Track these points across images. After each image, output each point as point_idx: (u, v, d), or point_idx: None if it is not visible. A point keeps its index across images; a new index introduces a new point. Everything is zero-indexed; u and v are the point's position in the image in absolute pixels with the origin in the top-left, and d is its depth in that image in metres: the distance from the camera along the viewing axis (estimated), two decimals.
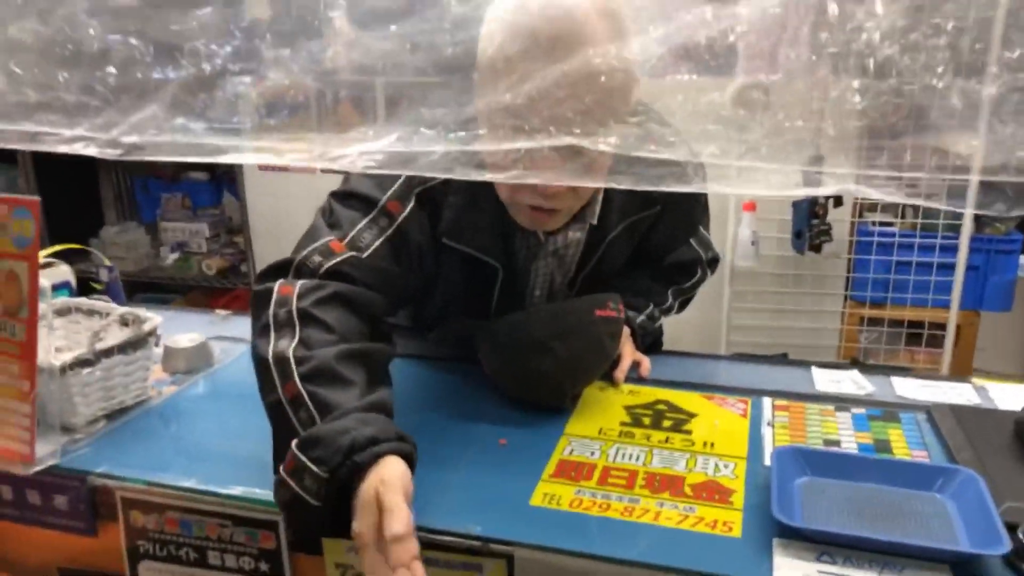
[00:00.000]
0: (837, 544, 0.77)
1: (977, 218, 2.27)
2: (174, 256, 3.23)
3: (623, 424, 1.04)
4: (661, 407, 1.08)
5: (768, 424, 1.03)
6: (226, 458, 0.97)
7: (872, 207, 2.44)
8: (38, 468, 0.95)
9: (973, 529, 0.78)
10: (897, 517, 0.82)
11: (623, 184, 0.77)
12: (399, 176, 1.00)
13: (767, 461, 0.94)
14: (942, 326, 2.33)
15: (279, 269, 0.96)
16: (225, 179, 3.56)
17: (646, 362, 1.21)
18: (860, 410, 1.06)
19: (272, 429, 0.86)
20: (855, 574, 0.74)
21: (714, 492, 0.88)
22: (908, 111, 0.84)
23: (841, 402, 1.08)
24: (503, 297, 1.13)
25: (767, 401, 1.09)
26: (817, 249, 2.28)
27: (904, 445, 0.97)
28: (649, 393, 1.13)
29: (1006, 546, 0.73)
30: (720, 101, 0.94)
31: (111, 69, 0.86)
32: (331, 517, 0.78)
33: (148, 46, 0.86)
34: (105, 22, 0.89)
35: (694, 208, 1.26)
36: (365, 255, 0.97)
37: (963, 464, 0.89)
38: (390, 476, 0.76)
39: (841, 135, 0.89)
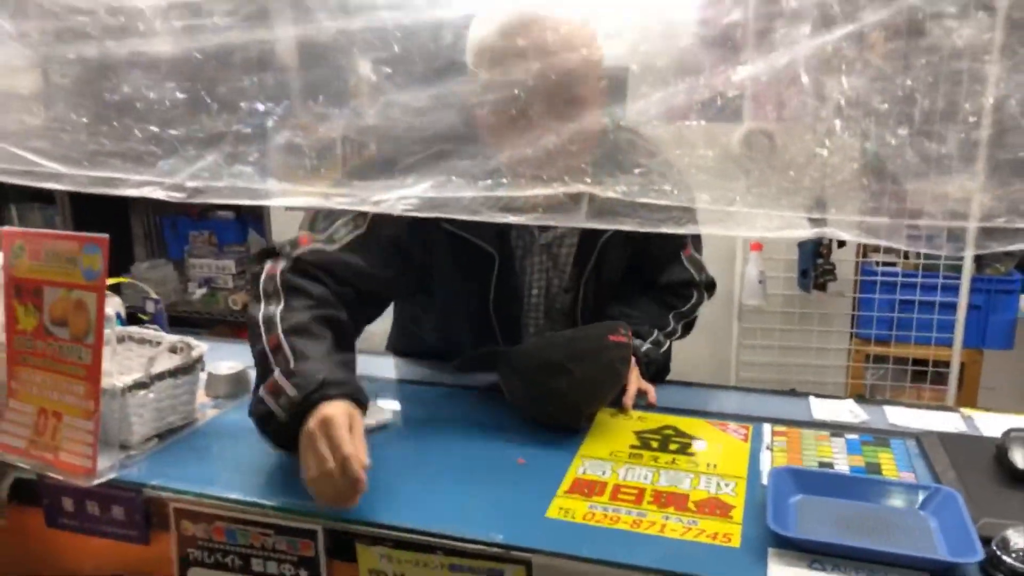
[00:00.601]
0: (827, 554, 0.85)
1: (978, 259, 2.35)
2: (201, 291, 3.35)
3: (632, 447, 1.12)
4: (668, 431, 1.17)
5: (767, 448, 1.11)
6: (267, 474, 1.06)
7: (875, 248, 2.52)
8: (99, 481, 1.04)
9: (952, 541, 0.86)
10: (883, 531, 0.90)
11: (626, 226, 0.87)
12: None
13: (765, 480, 1.02)
14: (947, 363, 2.40)
15: (267, 253, 1.17)
16: (250, 217, 3.70)
17: (652, 391, 1.29)
18: (854, 436, 1.14)
19: (256, 372, 1.07)
20: None
21: (715, 507, 0.96)
22: (907, 157, 0.92)
23: (836, 428, 1.16)
24: (500, 291, 1.22)
25: (767, 427, 1.17)
26: (822, 287, 2.37)
27: (893, 467, 1.05)
28: (657, 419, 1.21)
29: (980, 555, 0.81)
30: (727, 145, 1.03)
31: (171, 124, 0.98)
32: (292, 434, 0.98)
33: (206, 101, 0.98)
34: (156, 79, 1.01)
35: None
36: (333, 247, 1.13)
37: (946, 484, 0.97)
38: (334, 412, 0.96)
39: (843, 179, 0.98)
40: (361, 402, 1.04)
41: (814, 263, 2.32)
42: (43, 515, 1.10)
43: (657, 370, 1.41)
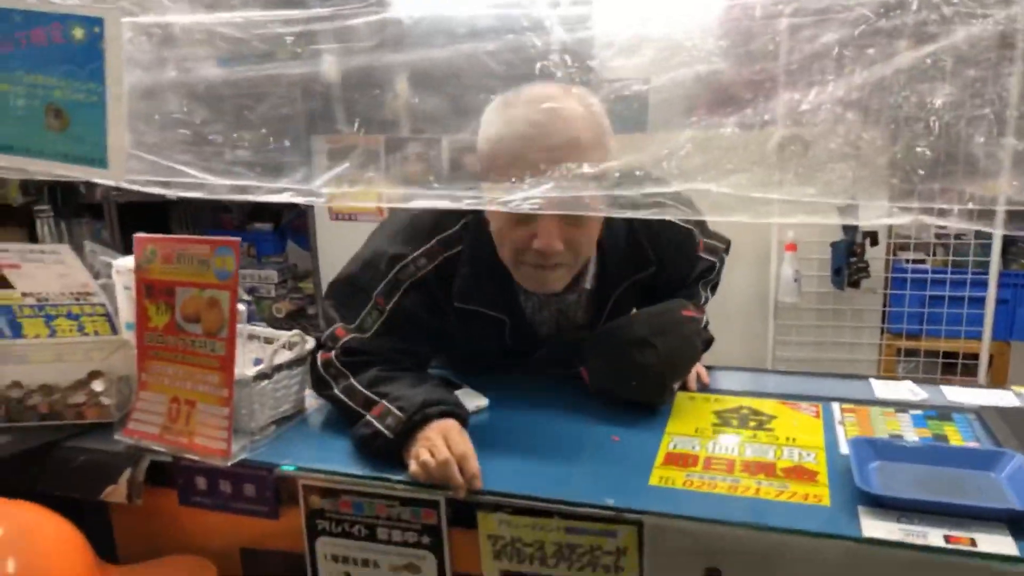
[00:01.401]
0: (911, 509, 0.95)
1: (1005, 254, 2.45)
2: (251, 308, 3.45)
3: (714, 425, 1.22)
4: (744, 411, 1.26)
5: (839, 423, 1.21)
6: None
7: (905, 246, 2.63)
8: (234, 461, 1.14)
9: (1022, 495, 0.96)
10: (958, 490, 0.99)
11: (625, 214, 0.98)
12: (388, 273, 1.24)
13: (843, 450, 1.11)
14: (975, 356, 2.50)
15: (317, 345, 1.28)
16: (288, 228, 3.82)
17: (704, 372, 1.41)
18: (918, 412, 1.24)
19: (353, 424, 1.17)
20: (929, 531, 0.91)
21: (802, 474, 1.06)
22: (935, 158, 1.01)
23: (900, 405, 1.26)
24: (514, 341, 1.33)
25: (836, 405, 1.27)
26: (855, 285, 2.47)
27: (959, 438, 1.15)
28: (732, 400, 1.31)
29: None
30: (760, 152, 1.11)
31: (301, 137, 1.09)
32: (397, 450, 1.10)
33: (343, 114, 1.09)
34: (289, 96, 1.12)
35: (684, 246, 1.38)
36: (367, 335, 1.24)
37: (1010, 450, 1.07)
38: (448, 425, 1.10)
39: (873, 182, 1.06)
40: (463, 419, 1.15)
41: (847, 261, 2.42)
42: (176, 494, 1.20)
43: (707, 346, 1.50)
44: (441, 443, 1.06)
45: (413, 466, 1.06)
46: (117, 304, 1.31)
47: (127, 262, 1.28)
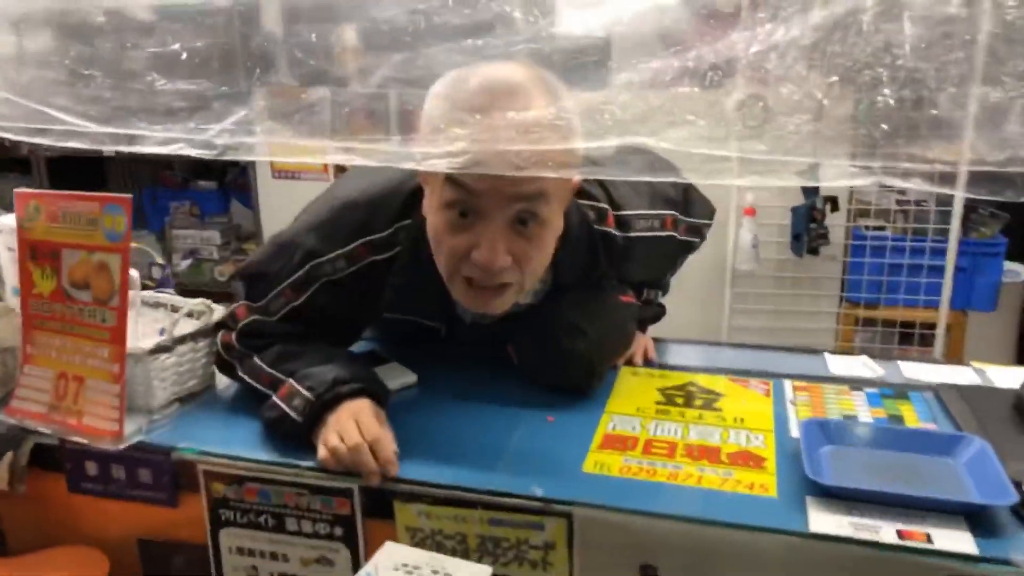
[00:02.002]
0: (864, 500, 0.87)
1: (964, 222, 2.40)
2: (187, 263, 3.30)
3: (658, 403, 1.13)
4: (691, 388, 1.18)
5: (791, 402, 1.13)
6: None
7: (865, 212, 2.56)
8: (127, 444, 1.02)
9: (983, 486, 0.88)
10: (914, 479, 0.92)
11: (600, 175, 0.86)
12: (300, 267, 1.10)
13: (793, 433, 1.03)
14: (932, 325, 2.45)
15: (220, 325, 1.17)
16: (233, 187, 3.64)
17: (651, 346, 1.32)
18: (873, 389, 1.16)
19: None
20: (882, 524, 0.84)
21: (748, 459, 0.98)
22: (898, 121, 0.92)
23: (855, 383, 1.18)
24: (450, 335, 1.22)
25: (787, 383, 1.19)
26: (815, 252, 2.40)
27: (915, 419, 1.08)
28: (678, 377, 1.22)
29: (1015, 497, 0.83)
30: (721, 111, 1.02)
31: (201, 79, 0.95)
32: (306, 433, 1.00)
33: (233, 57, 0.96)
34: (186, 35, 0.99)
35: (661, 251, 1.23)
36: (272, 319, 1.12)
37: (969, 433, 0.99)
38: (361, 406, 1.00)
39: (834, 141, 0.97)
40: (380, 397, 1.05)
41: (807, 227, 2.34)
42: (64, 480, 1.09)
43: (654, 319, 1.41)
44: (352, 426, 0.95)
45: (322, 452, 0.95)
46: (1, 267, 1.18)
47: (9, 220, 1.14)
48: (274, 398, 1.03)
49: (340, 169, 2.86)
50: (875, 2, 0.86)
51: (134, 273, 1.05)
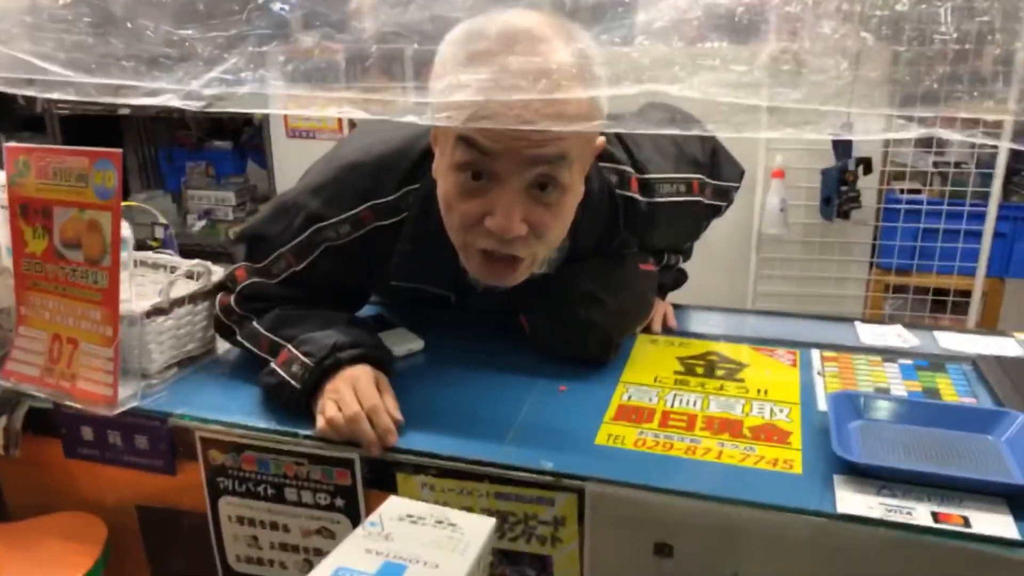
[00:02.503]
0: (896, 479, 0.81)
1: (1005, 185, 2.29)
2: (201, 223, 3.27)
3: (677, 373, 1.07)
4: (713, 358, 1.12)
5: (819, 374, 1.06)
6: None
7: (900, 175, 2.45)
8: (121, 409, 0.99)
9: None
10: (952, 457, 0.86)
11: (619, 129, 0.79)
12: (302, 231, 1.04)
13: (821, 406, 0.97)
14: (967, 293, 2.36)
15: (220, 286, 1.13)
16: (248, 147, 3.60)
17: (671, 313, 1.25)
18: (907, 361, 1.09)
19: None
20: (916, 506, 0.78)
21: (772, 434, 0.92)
22: (938, 77, 0.85)
23: (888, 353, 1.12)
24: (460, 303, 1.16)
25: (815, 352, 1.12)
26: (846, 216, 2.30)
27: (953, 393, 1.01)
28: (700, 345, 1.16)
29: None
30: (749, 68, 0.94)
31: (187, 27, 0.89)
32: (305, 401, 0.96)
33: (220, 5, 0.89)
34: None
35: (687, 218, 1.16)
36: (272, 281, 1.07)
37: (1011, 408, 0.93)
38: (360, 372, 0.95)
39: (871, 102, 0.90)
40: (383, 363, 1.00)
41: (838, 190, 2.25)
42: (61, 445, 1.06)
43: (676, 286, 1.36)
44: (350, 394, 0.91)
45: (319, 422, 0.91)
46: None
47: (0, 176, 1.10)
48: (272, 364, 0.99)
49: (355, 127, 2.80)
50: None
51: (127, 232, 1.00)
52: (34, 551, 1.01)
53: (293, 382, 0.96)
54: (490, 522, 0.69)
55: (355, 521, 0.94)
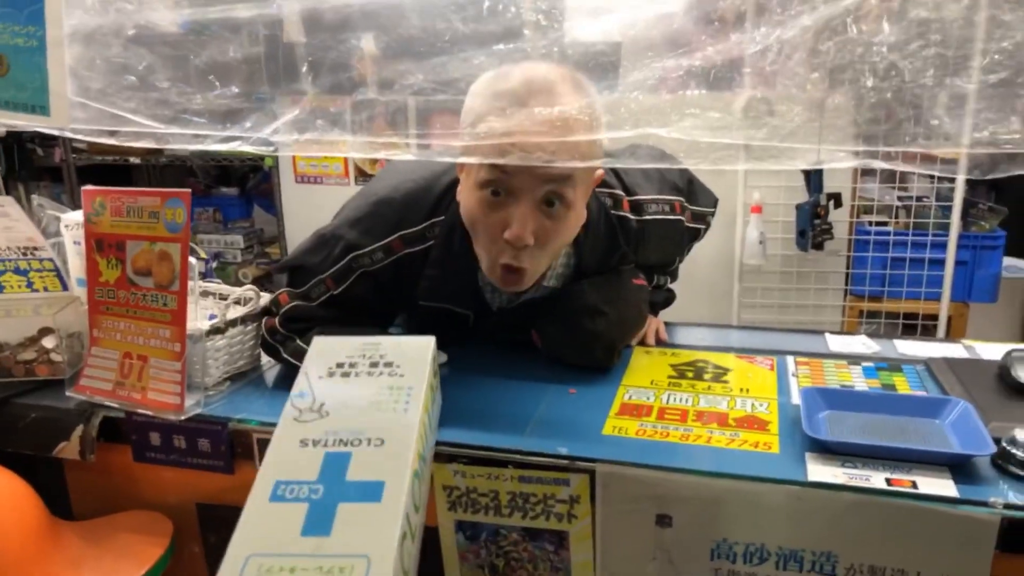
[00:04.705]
0: (856, 454, 0.96)
1: (964, 217, 2.48)
2: (211, 265, 3.41)
3: (670, 377, 1.23)
4: (701, 364, 1.28)
5: (793, 375, 1.22)
6: None
7: (868, 209, 2.65)
8: (187, 415, 1.13)
9: (965, 441, 0.98)
10: (904, 436, 1.01)
11: (614, 164, 0.96)
12: (341, 259, 1.21)
13: (795, 400, 1.13)
14: (935, 316, 2.54)
15: (263, 311, 1.28)
16: (255, 193, 3.76)
17: (662, 328, 1.42)
18: (869, 364, 1.26)
19: None
20: (872, 474, 0.93)
21: (753, 423, 1.07)
22: (898, 119, 1.01)
23: (853, 358, 1.28)
24: (477, 328, 1.32)
25: (790, 358, 1.29)
26: (819, 247, 2.49)
27: (907, 387, 1.17)
28: (689, 354, 1.32)
29: (992, 448, 0.93)
30: (727, 114, 1.10)
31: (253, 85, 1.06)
32: None
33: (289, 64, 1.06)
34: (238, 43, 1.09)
35: (672, 236, 1.33)
36: (311, 304, 1.23)
37: (954, 397, 1.09)
38: None
39: (839, 141, 1.06)
40: None
41: (811, 223, 2.44)
42: (130, 450, 1.19)
43: (666, 304, 1.52)
44: None
45: None
46: (67, 260, 1.28)
47: (76, 216, 1.26)
48: None
49: (360, 173, 2.97)
50: (873, 5, 0.95)
51: (193, 261, 1.16)
52: (107, 545, 1.14)
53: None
54: (430, 341, 0.73)
55: None
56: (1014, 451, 0.93)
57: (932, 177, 2.44)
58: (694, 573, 0.99)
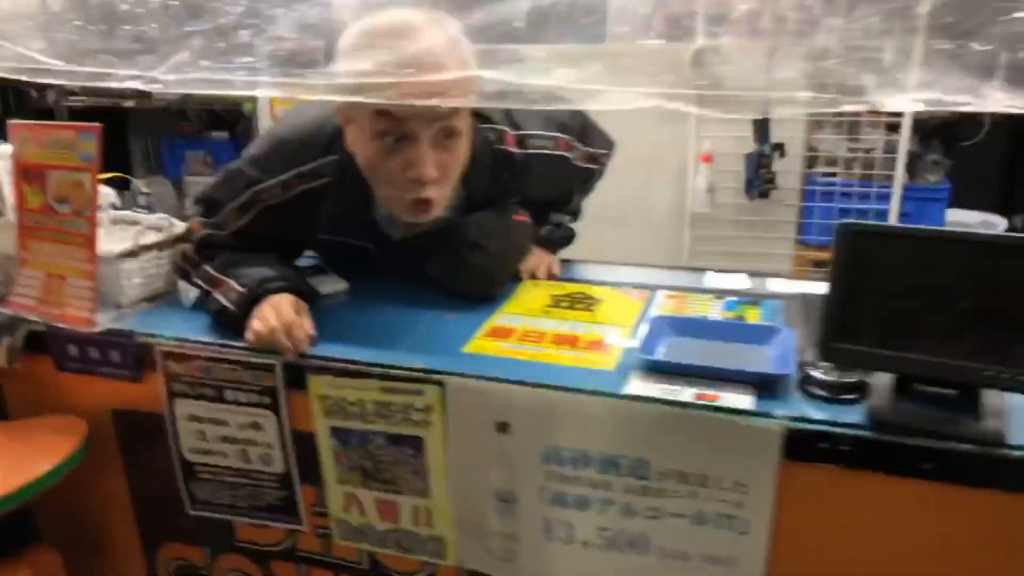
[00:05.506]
0: (679, 373, 1.06)
1: (910, 168, 2.52)
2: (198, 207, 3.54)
3: (546, 306, 1.33)
4: (577, 295, 1.38)
5: (657, 307, 1.32)
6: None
7: (827, 160, 2.70)
8: (98, 329, 1.26)
9: (778, 363, 1.07)
10: (732, 359, 1.11)
11: (505, 104, 1.04)
12: (242, 192, 1.31)
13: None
14: None
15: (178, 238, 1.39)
16: (243, 137, 3.87)
17: (555, 263, 1.52)
18: (733, 298, 1.34)
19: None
20: (684, 389, 1.03)
21: (601, 346, 1.18)
22: (845, 76, 1.05)
23: (722, 293, 1.37)
24: (382, 259, 1.42)
25: (661, 292, 1.38)
26: (764, 195, 2.55)
27: (757, 319, 1.26)
28: (572, 287, 1.42)
29: (789, 369, 1.02)
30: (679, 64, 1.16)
31: (153, 24, 1.16)
32: (240, 323, 1.21)
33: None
34: None
35: (556, 170, 1.39)
36: (223, 233, 1.33)
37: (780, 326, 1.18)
38: (282, 299, 1.21)
39: (790, 86, 1.11)
40: (303, 295, 1.25)
41: (757, 173, 2.49)
42: (52, 361, 1.33)
43: (564, 241, 1.60)
44: (271, 314, 1.17)
45: (247, 334, 1.17)
46: (2, 189, 1.40)
47: (7, 148, 1.37)
48: (215, 293, 1.25)
49: None
50: None
51: (108, 190, 1.27)
52: (26, 441, 1.28)
53: (231, 307, 1.22)
54: None
55: (278, 415, 1.21)
56: (812, 373, 1.02)
57: (884, 128, 2.48)
58: (529, 476, 1.10)
